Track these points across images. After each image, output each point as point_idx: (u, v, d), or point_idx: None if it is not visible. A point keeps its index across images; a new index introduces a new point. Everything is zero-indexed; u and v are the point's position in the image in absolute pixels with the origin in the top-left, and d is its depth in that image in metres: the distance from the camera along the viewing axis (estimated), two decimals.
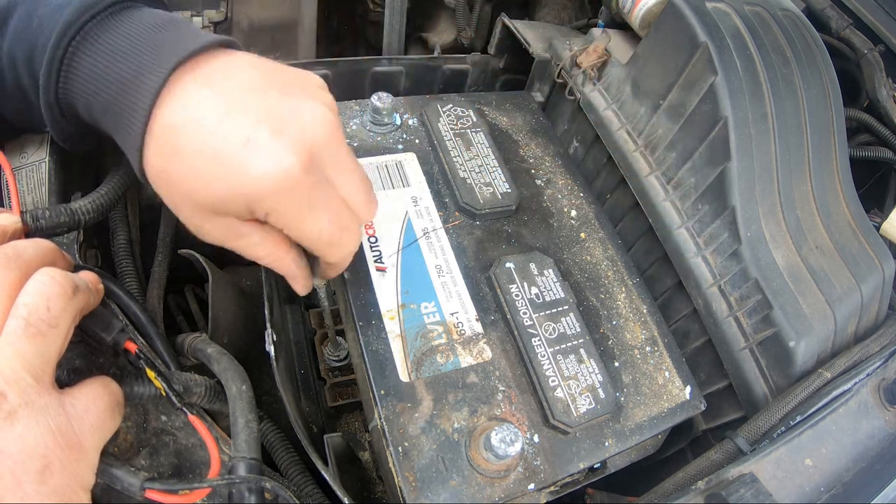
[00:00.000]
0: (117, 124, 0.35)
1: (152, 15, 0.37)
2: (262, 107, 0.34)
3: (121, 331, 0.38)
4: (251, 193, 0.34)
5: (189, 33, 0.36)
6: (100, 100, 0.35)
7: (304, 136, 0.35)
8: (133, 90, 0.34)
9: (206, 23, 0.84)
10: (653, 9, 0.64)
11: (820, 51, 0.63)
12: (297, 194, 0.35)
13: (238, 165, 0.33)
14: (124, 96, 0.34)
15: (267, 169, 0.33)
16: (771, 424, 0.47)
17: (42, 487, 0.28)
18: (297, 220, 0.36)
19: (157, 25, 0.36)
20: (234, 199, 0.34)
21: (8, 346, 0.28)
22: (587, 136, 0.69)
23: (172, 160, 0.34)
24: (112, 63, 0.35)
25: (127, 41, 0.35)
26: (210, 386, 0.42)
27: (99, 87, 0.35)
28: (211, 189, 0.34)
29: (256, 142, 0.33)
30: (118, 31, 0.36)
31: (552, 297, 0.50)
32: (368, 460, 0.58)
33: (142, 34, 0.36)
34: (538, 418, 0.44)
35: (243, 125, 0.33)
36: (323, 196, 0.37)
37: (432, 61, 0.80)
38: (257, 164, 0.33)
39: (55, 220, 0.42)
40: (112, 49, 0.35)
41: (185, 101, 0.34)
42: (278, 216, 0.36)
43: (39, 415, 0.28)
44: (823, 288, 0.52)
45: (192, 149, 0.33)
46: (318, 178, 0.36)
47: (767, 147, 0.54)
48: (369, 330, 0.46)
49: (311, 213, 0.36)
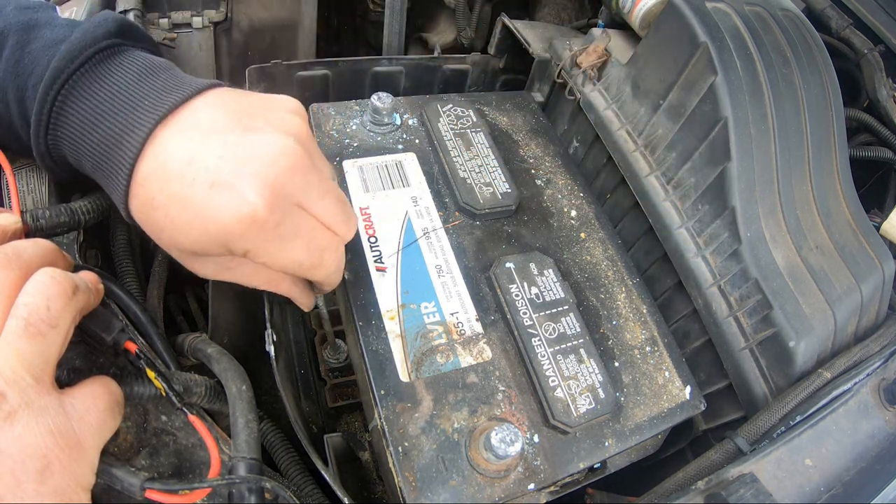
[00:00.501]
0: (105, 178, 0.37)
1: (137, 63, 0.38)
2: (223, 147, 0.35)
3: (121, 331, 0.38)
4: (223, 237, 0.35)
5: (171, 82, 0.37)
6: (87, 154, 0.37)
7: (264, 172, 0.35)
8: (117, 148, 0.35)
9: (206, 23, 0.84)
10: (653, 9, 0.64)
11: (820, 51, 0.63)
12: (266, 232, 0.35)
13: (207, 210, 0.34)
14: (109, 153, 0.36)
15: (233, 211, 0.34)
16: (771, 424, 0.47)
17: (42, 487, 0.28)
18: (273, 254, 0.37)
19: (142, 74, 0.37)
20: (210, 242, 0.35)
21: (8, 346, 0.28)
22: (587, 136, 0.69)
23: (152, 210, 0.35)
24: (98, 119, 0.36)
25: (112, 95, 0.36)
26: (210, 386, 0.42)
27: (85, 142, 0.36)
28: (189, 236, 0.35)
29: (220, 184, 0.34)
30: (104, 82, 0.36)
31: (552, 297, 0.50)
32: (368, 460, 0.58)
33: (126, 87, 0.36)
34: (538, 418, 0.44)
35: (207, 169, 0.34)
36: (293, 226, 0.37)
37: (432, 61, 0.80)
38: (223, 207, 0.34)
39: (55, 220, 0.42)
40: (98, 104, 0.36)
41: (157, 150, 0.35)
42: (255, 253, 0.36)
43: (39, 415, 0.28)
44: (823, 288, 0.52)
45: (165, 198, 0.35)
46: (284, 211, 0.36)
47: (767, 147, 0.54)
48: (369, 330, 0.46)
49: (284, 245, 0.37)
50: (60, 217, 0.42)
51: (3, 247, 0.32)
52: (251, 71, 0.68)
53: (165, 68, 0.38)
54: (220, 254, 0.37)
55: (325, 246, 0.39)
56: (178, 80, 0.37)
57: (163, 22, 0.80)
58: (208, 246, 0.36)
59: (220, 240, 0.35)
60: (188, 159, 0.34)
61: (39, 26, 0.38)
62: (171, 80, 0.37)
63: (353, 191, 0.54)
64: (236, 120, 0.36)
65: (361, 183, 0.55)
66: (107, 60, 0.37)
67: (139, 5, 0.72)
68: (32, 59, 0.37)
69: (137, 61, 0.38)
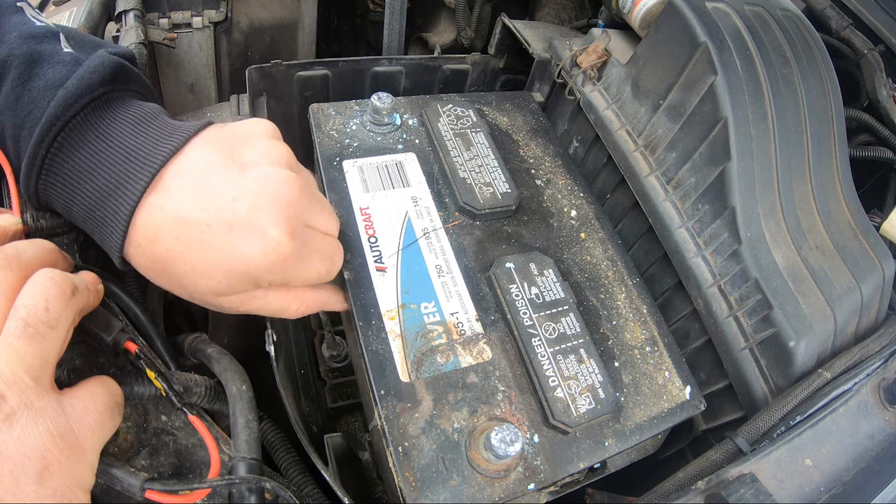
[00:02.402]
0: (98, 228, 0.37)
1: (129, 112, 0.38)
2: (229, 188, 0.36)
3: (121, 331, 0.38)
4: (250, 274, 0.37)
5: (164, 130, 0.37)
6: (80, 204, 0.36)
7: (276, 206, 0.36)
8: (112, 199, 0.35)
9: (207, 23, 0.84)
10: (653, 9, 0.64)
11: (820, 51, 0.63)
12: (290, 260, 0.37)
13: (231, 253, 0.35)
14: (102, 209, 0.36)
15: (258, 249, 0.36)
16: (771, 424, 0.47)
17: (41, 489, 0.28)
18: (297, 276, 0.40)
19: (135, 124, 0.37)
20: (235, 282, 0.37)
21: (7, 348, 0.28)
22: (587, 136, 0.69)
23: (169, 262, 0.36)
24: (92, 171, 0.36)
25: (106, 146, 0.36)
26: (210, 386, 0.42)
27: (79, 192, 0.36)
28: (213, 279, 0.36)
29: (239, 225, 0.35)
30: (98, 133, 0.36)
31: (552, 297, 0.50)
32: (368, 460, 0.58)
33: (120, 138, 0.36)
34: (538, 418, 0.44)
35: (221, 210, 0.35)
36: (308, 245, 0.39)
37: (432, 61, 0.80)
38: (247, 246, 0.35)
39: (56, 221, 0.42)
40: (92, 155, 0.36)
41: (161, 202, 0.35)
42: (281, 280, 0.39)
43: (38, 416, 0.28)
44: (823, 288, 0.52)
45: (183, 247, 0.35)
46: (301, 236, 0.38)
47: (767, 147, 0.54)
48: (369, 330, 0.46)
49: (305, 265, 0.39)
50: (61, 217, 0.42)
51: (2, 248, 0.32)
52: (251, 71, 0.68)
53: (156, 115, 0.39)
54: (244, 290, 0.38)
55: (333, 251, 0.43)
56: (169, 127, 0.38)
57: (163, 22, 0.80)
58: (233, 285, 0.37)
59: (246, 278, 0.37)
60: (198, 206, 0.35)
61: (42, 61, 0.38)
62: (163, 127, 0.37)
63: (353, 191, 0.54)
64: (228, 157, 0.37)
65: (361, 183, 0.55)
66: (100, 109, 0.37)
67: (139, 5, 0.72)
68: (32, 99, 0.37)
69: (130, 111, 0.38)
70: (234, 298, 0.39)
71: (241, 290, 0.38)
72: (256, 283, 0.38)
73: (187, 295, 0.39)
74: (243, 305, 0.40)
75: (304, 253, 0.39)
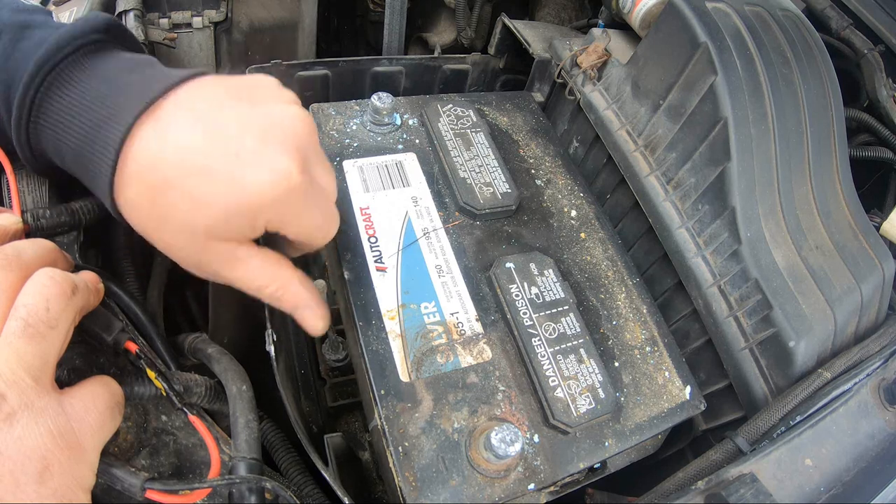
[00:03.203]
0: (87, 170, 0.35)
1: (123, 58, 0.38)
2: (239, 118, 0.34)
3: (121, 331, 0.38)
4: (253, 205, 0.33)
5: (158, 72, 0.36)
6: (69, 145, 0.35)
7: (290, 139, 0.35)
8: (102, 133, 0.33)
9: (207, 23, 0.84)
10: (653, 9, 0.64)
11: (820, 51, 0.63)
12: (296, 196, 0.35)
13: (234, 180, 0.33)
14: (92, 142, 0.34)
15: (265, 178, 0.33)
16: (771, 424, 0.47)
17: (42, 489, 0.28)
18: (298, 217, 0.37)
19: (127, 68, 0.36)
20: (235, 215, 0.34)
21: (7, 347, 0.28)
22: (587, 136, 0.69)
23: (161, 193, 0.33)
24: (82, 108, 0.34)
25: (98, 83, 0.35)
26: (210, 386, 0.42)
27: (68, 132, 0.35)
28: (210, 210, 0.33)
29: (246, 153, 0.33)
30: (90, 73, 0.35)
31: (552, 297, 0.50)
32: (368, 460, 0.58)
33: (115, 76, 0.35)
34: (538, 418, 0.44)
35: (228, 139, 0.33)
36: (313, 193, 0.37)
37: (432, 61, 0.80)
38: (254, 175, 0.33)
39: (56, 220, 0.42)
40: (82, 93, 0.35)
41: (162, 130, 0.33)
42: (280, 221, 0.36)
43: (39, 416, 0.28)
44: (823, 288, 0.52)
45: (181, 175, 0.32)
46: (309, 176, 0.36)
47: (767, 147, 0.54)
48: (369, 330, 0.46)
49: (305, 212, 0.37)
50: (61, 217, 0.42)
51: (2, 247, 0.32)
52: (251, 71, 0.68)
53: (153, 62, 0.38)
54: (238, 232, 0.35)
55: (332, 213, 0.40)
56: (167, 70, 0.37)
57: (163, 22, 0.80)
58: (232, 220, 0.34)
59: (247, 213, 0.34)
60: (202, 135, 0.33)
61: (34, 27, 0.38)
62: (161, 71, 0.36)
63: (354, 191, 0.54)
64: (236, 95, 0.35)
65: (361, 183, 0.55)
66: (93, 54, 0.36)
67: (139, 5, 0.72)
68: (23, 55, 0.36)
69: (125, 56, 0.38)
70: (219, 252, 0.36)
71: (234, 231, 0.35)
72: (253, 223, 0.35)
73: (169, 238, 0.35)
74: (223, 267, 0.37)
75: (308, 196, 0.36)
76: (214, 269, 0.37)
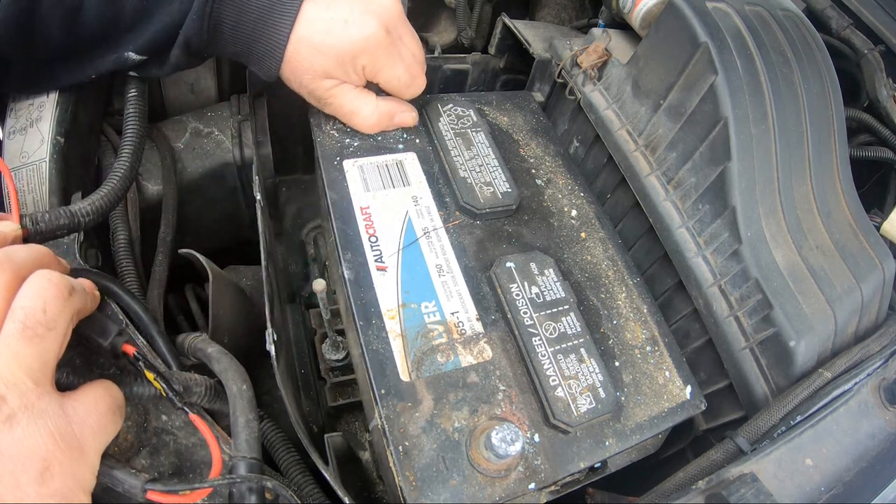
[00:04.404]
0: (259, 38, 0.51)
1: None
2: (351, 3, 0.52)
3: (118, 334, 0.38)
4: (353, 51, 0.52)
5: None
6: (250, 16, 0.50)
7: (383, 12, 0.53)
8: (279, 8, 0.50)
9: None
10: (653, 9, 0.64)
11: (820, 51, 0.63)
12: (381, 49, 0.53)
13: (342, 36, 0.51)
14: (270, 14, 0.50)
15: (361, 34, 0.51)
16: (771, 424, 0.47)
17: (42, 489, 0.28)
18: (384, 66, 0.54)
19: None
20: (340, 59, 0.52)
21: (6, 349, 0.28)
22: (587, 135, 0.69)
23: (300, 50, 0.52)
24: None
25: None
26: (210, 385, 0.42)
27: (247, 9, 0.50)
28: (327, 56, 0.52)
29: (352, 20, 0.51)
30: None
31: (552, 296, 0.50)
32: (369, 460, 0.58)
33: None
34: (539, 418, 0.44)
35: (342, 11, 0.51)
36: (397, 52, 0.54)
37: (433, 61, 0.80)
38: (354, 32, 0.51)
39: (55, 223, 0.42)
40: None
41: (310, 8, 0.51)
42: (371, 66, 0.54)
43: (39, 417, 0.28)
44: (824, 288, 0.52)
45: (317, 33, 0.51)
46: (393, 39, 0.54)
47: (768, 147, 0.54)
48: (369, 329, 0.46)
49: (391, 61, 0.54)
50: (60, 220, 0.42)
51: None
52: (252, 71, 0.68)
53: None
54: (344, 74, 0.54)
55: (416, 74, 0.57)
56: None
57: None
58: (338, 62, 0.52)
59: (349, 58, 0.52)
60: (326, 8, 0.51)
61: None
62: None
63: (354, 190, 0.54)
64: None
65: (362, 182, 0.55)
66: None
67: None
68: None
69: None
70: (328, 82, 0.54)
71: (340, 71, 0.53)
72: (354, 66, 0.53)
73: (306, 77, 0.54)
74: (329, 93, 0.55)
75: (393, 52, 0.54)
76: (323, 94, 0.55)
